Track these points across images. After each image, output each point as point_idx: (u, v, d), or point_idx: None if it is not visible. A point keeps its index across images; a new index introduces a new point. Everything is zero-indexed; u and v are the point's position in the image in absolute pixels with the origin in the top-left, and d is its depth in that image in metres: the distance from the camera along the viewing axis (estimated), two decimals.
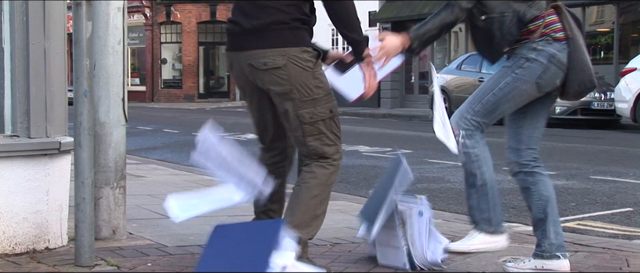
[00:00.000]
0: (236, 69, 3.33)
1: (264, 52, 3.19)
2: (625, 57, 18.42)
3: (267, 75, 3.20)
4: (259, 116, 3.44)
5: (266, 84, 3.23)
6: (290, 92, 3.20)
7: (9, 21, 3.66)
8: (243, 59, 3.26)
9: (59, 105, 3.70)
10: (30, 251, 3.62)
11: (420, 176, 7.70)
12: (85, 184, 3.35)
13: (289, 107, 3.23)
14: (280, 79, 3.19)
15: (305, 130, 3.25)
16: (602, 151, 10.48)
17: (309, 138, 3.26)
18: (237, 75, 3.36)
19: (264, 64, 3.19)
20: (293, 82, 3.19)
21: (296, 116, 3.23)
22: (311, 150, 3.27)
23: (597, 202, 6.01)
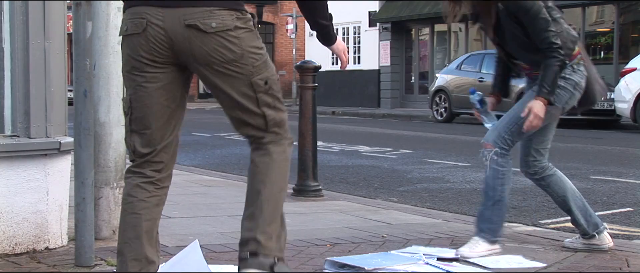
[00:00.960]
0: (152, 30, 2.61)
1: (210, 10, 2.60)
2: (625, 57, 18.42)
3: (214, 39, 2.59)
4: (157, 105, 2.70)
5: (211, 51, 2.61)
6: (241, 58, 2.64)
7: (9, 21, 3.66)
8: (177, 18, 2.59)
9: (59, 105, 3.70)
10: (30, 251, 3.62)
11: (420, 176, 7.70)
12: (85, 184, 3.35)
13: (239, 78, 2.66)
14: (231, 44, 2.62)
15: (261, 100, 2.71)
16: (602, 151, 10.48)
17: (265, 108, 2.72)
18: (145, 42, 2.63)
19: (211, 26, 2.59)
20: (243, 46, 2.64)
21: (250, 85, 2.68)
22: (270, 122, 2.74)
23: (597, 202, 6.01)
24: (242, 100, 2.69)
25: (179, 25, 2.59)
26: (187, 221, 4.75)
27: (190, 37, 2.59)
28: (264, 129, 2.75)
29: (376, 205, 5.53)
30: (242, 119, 2.74)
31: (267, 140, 2.76)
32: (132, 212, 2.74)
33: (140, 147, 2.74)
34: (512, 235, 4.36)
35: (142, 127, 2.72)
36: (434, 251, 3.79)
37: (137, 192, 2.74)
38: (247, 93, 2.69)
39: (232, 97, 2.69)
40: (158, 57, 2.63)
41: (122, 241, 2.74)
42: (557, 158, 9.34)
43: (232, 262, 3.55)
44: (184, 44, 2.60)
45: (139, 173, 2.75)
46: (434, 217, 5.10)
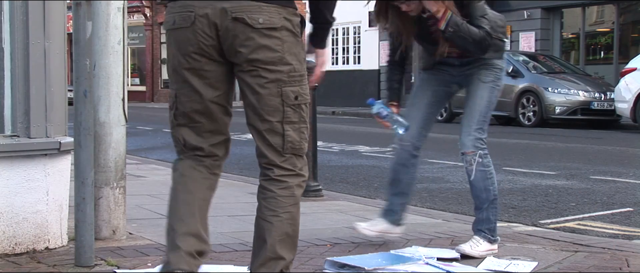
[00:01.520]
0: (200, 23, 2.50)
1: (259, 5, 2.47)
2: (625, 57, 18.42)
3: (257, 36, 2.47)
4: (204, 101, 2.59)
5: (253, 48, 2.48)
6: (279, 62, 2.50)
7: (9, 21, 3.66)
8: (221, 10, 2.48)
9: (59, 105, 3.70)
10: (30, 251, 3.62)
11: (420, 176, 7.69)
12: (85, 184, 3.35)
13: (272, 82, 2.50)
14: (274, 44, 2.49)
15: (286, 116, 2.53)
16: (602, 151, 10.48)
17: (288, 126, 2.54)
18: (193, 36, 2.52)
19: (259, 21, 2.47)
20: (285, 50, 2.51)
21: (279, 95, 2.51)
22: (288, 144, 2.55)
23: (597, 202, 6.01)
24: (267, 109, 2.52)
25: (226, 18, 2.47)
26: None
27: (236, 30, 2.47)
28: (280, 150, 2.55)
29: (376, 205, 5.52)
30: (261, 133, 2.55)
31: (275, 174, 2.56)
32: (186, 191, 2.63)
33: (191, 139, 2.64)
34: (512, 235, 4.37)
35: (190, 121, 2.62)
36: (434, 252, 3.79)
37: (192, 173, 2.65)
38: (274, 103, 2.52)
39: (259, 102, 2.52)
40: (206, 51, 2.52)
41: (174, 219, 2.61)
42: (557, 158, 9.35)
43: (232, 262, 3.56)
44: (228, 37, 2.49)
45: (193, 157, 2.66)
46: (434, 217, 5.10)
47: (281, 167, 2.56)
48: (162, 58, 36.06)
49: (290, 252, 2.57)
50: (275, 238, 2.53)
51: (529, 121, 16.17)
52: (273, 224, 2.53)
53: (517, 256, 3.76)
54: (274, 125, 2.54)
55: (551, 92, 15.94)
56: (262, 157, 2.58)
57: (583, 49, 21.02)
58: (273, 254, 2.53)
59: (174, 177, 2.68)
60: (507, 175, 7.75)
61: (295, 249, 2.61)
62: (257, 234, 2.58)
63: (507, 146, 10.99)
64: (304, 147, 2.60)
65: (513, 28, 22.04)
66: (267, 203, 2.56)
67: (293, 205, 2.57)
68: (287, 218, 2.55)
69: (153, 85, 36.25)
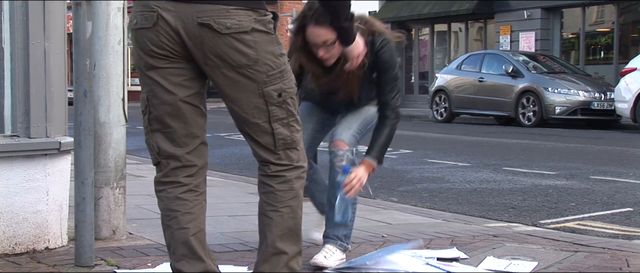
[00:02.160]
0: (163, 25, 2.39)
1: (226, 9, 2.36)
2: (625, 57, 18.44)
3: (228, 41, 2.37)
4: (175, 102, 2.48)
5: (223, 54, 2.38)
6: (255, 63, 2.40)
7: (9, 21, 3.66)
8: (190, 15, 2.37)
9: (59, 105, 3.70)
10: (30, 251, 3.62)
11: (420, 176, 7.70)
12: (85, 184, 3.35)
13: (250, 84, 2.42)
14: (246, 47, 2.38)
15: (273, 114, 2.46)
16: (602, 151, 10.48)
17: (277, 124, 2.47)
18: (155, 36, 2.41)
19: (226, 26, 2.36)
20: (259, 51, 2.40)
21: (261, 96, 2.43)
22: (279, 141, 2.48)
23: (597, 202, 6.01)
24: (251, 112, 2.45)
25: (192, 23, 2.37)
26: None
27: (202, 36, 2.37)
28: (272, 149, 2.49)
29: (376, 205, 5.53)
30: (250, 135, 2.50)
31: (272, 170, 2.51)
32: (179, 227, 2.51)
33: (166, 146, 2.53)
34: (512, 235, 4.37)
35: (163, 126, 2.51)
36: (434, 253, 3.79)
37: (179, 205, 2.52)
38: (257, 104, 2.44)
39: (241, 106, 2.45)
40: (170, 52, 2.42)
41: (176, 259, 2.52)
42: (557, 158, 9.35)
43: (232, 262, 3.56)
44: (196, 42, 2.39)
45: (174, 183, 2.53)
46: (434, 217, 5.10)
47: (276, 163, 2.51)
48: None
49: (294, 245, 2.52)
50: (276, 233, 2.49)
51: (529, 121, 16.17)
52: (273, 219, 2.50)
53: (517, 256, 3.76)
54: (261, 126, 2.48)
55: (551, 92, 15.95)
56: (257, 156, 2.55)
57: (583, 49, 21.03)
58: (274, 249, 2.50)
59: (162, 209, 2.56)
60: (507, 175, 7.75)
61: (300, 242, 2.55)
62: (259, 230, 2.55)
63: (507, 146, 10.99)
64: (296, 139, 2.53)
65: (513, 28, 22.06)
66: (266, 198, 2.52)
67: (293, 199, 2.52)
68: (287, 212, 2.51)
69: None
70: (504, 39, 22.30)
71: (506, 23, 22.32)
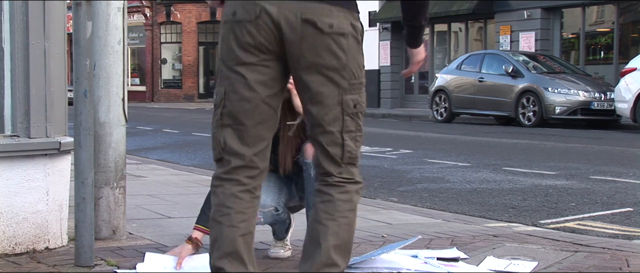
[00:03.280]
0: (265, 18, 2.36)
1: (330, 9, 2.36)
2: (625, 57, 18.43)
3: (326, 40, 2.36)
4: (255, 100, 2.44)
5: (320, 52, 2.37)
6: (343, 69, 2.39)
7: (9, 21, 3.66)
8: (294, 11, 2.35)
9: (59, 105, 3.70)
10: (30, 251, 3.62)
11: (420, 176, 7.70)
12: (85, 184, 3.35)
13: (334, 89, 2.40)
14: (340, 50, 2.38)
15: (346, 124, 2.44)
16: (602, 151, 10.47)
17: (347, 136, 2.44)
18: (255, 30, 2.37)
19: (329, 25, 2.36)
20: (349, 57, 2.40)
21: (339, 103, 2.41)
22: (346, 154, 2.46)
23: (597, 202, 6.01)
24: (328, 120, 2.43)
25: (295, 18, 2.34)
26: (187, 221, 4.74)
27: (303, 32, 2.35)
28: (338, 161, 2.46)
29: (376, 205, 5.53)
30: (321, 143, 2.46)
31: (334, 180, 2.47)
32: (230, 224, 2.45)
33: (233, 143, 2.45)
34: (512, 235, 4.37)
35: (235, 122, 2.44)
36: (434, 253, 3.79)
37: (234, 202, 2.45)
38: (334, 112, 2.42)
39: (320, 112, 2.42)
40: (265, 48, 2.38)
41: (218, 256, 2.45)
42: (557, 158, 9.35)
43: None
44: (295, 39, 2.36)
45: (234, 180, 2.46)
46: (434, 217, 5.10)
47: (338, 176, 2.48)
48: (162, 58, 36.09)
49: (344, 259, 2.46)
50: (331, 242, 2.43)
51: (529, 121, 16.17)
52: (329, 228, 2.44)
53: (517, 256, 3.76)
54: (334, 136, 2.45)
55: (551, 92, 15.95)
56: (319, 167, 2.50)
57: (583, 49, 21.03)
58: (328, 259, 2.42)
59: (215, 204, 2.50)
60: (507, 175, 7.75)
61: (349, 257, 2.50)
62: (311, 237, 2.47)
63: (507, 146, 10.99)
64: (359, 155, 2.52)
65: (513, 28, 22.05)
66: (324, 206, 2.46)
67: (351, 211, 2.49)
68: (344, 223, 2.46)
69: (153, 85, 36.26)
70: (504, 39, 22.30)
71: (506, 23, 22.32)
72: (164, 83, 36.39)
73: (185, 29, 34.91)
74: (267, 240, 3.83)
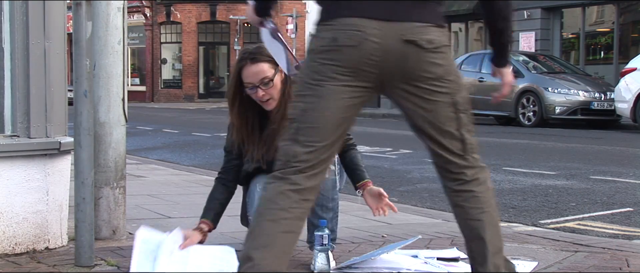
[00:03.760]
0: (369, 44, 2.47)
1: (426, 26, 2.52)
2: (625, 57, 18.43)
3: (429, 55, 2.51)
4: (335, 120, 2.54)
5: (424, 67, 2.52)
6: (447, 74, 2.57)
7: (9, 21, 3.66)
8: (396, 33, 2.47)
9: (59, 105, 3.70)
10: (30, 251, 3.62)
11: (420, 176, 7.70)
12: (85, 184, 3.35)
13: (444, 95, 2.57)
14: (442, 60, 2.55)
15: (461, 121, 2.62)
16: (602, 151, 10.47)
17: (464, 130, 2.63)
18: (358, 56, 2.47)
19: (429, 41, 2.51)
20: (450, 63, 2.60)
21: (452, 105, 2.59)
22: (468, 146, 2.64)
23: (597, 202, 6.01)
24: (443, 121, 2.59)
25: (397, 41, 2.47)
26: (187, 221, 4.74)
27: (406, 52, 2.48)
28: (461, 153, 2.63)
29: None
30: (442, 143, 2.61)
31: (468, 176, 2.64)
32: (271, 219, 2.49)
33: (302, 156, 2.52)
34: (512, 235, 4.36)
35: (311, 140, 2.52)
36: (434, 253, 3.79)
37: (281, 199, 2.50)
38: (448, 113, 2.59)
39: (436, 117, 2.58)
40: (362, 73, 2.49)
41: (252, 246, 2.48)
42: (557, 158, 9.35)
43: None
44: (398, 59, 2.49)
45: (287, 179, 2.52)
46: (434, 217, 5.10)
47: (470, 166, 2.65)
48: (162, 58, 36.09)
49: (500, 240, 2.70)
50: (491, 232, 2.65)
51: (529, 121, 16.17)
52: (484, 220, 2.64)
53: (517, 256, 3.76)
54: (453, 134, 2.62)
55: (551, 92, 15.95)
56: (450, 164, 2.65)
57: (583, 49, 21.03)
58: (495, 248, 2.64)
59: (262, 199, 2.56)
60: (507, 175, 7.75)
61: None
62: (471, 236, 2.65)
63: (507, 146, 10.99)
64: (476, 142, 2.69)
65: (513, 28, 22.03)
66: (470, 203, 2.65)
67: (492, 197, 2.70)
68: (492, 210, 2.68)
69: (153, 85, 36.26)
70: None
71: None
72: (164, 83, 36.39)
73: (185, 29, 34.91)
74: None
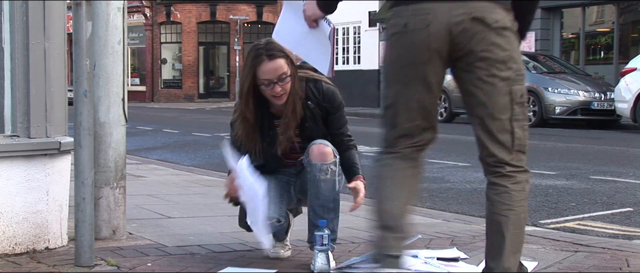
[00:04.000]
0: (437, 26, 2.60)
1: (494, 6, 2.61)
2: (625, 57, 18.42)
3: (493, 35, 2.59)
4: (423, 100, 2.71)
5: (488, 46, 2.60)
6: (509, 60, 2.62)
7: (9, 21, 3.66)
8: (464, 11, 2.59)
9: (59, 105, 3.70)
10: (30, 251, 3.62)
11: None
12: (85, 184, 3.35)
13: (503, 81, 2.62)
14: (506, 42, 2.62)
15: (514, 113, 2.64)
16: (602, 151, 10.48)
17: (515, 124, 2.65)
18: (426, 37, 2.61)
19: (495, 20, 2.59)
20: (513, 49, 2.64)
21: (508, 93, 2.63)
22: (516, 141, 2.66)
23: (597, 202, 6.01)
24: (498, 108, 2.64)
25: (466, 18, 2.58)
26: (187, 221, 4.75)
27: (473, 29, 2.59)
28: (508, 147, 2.66)
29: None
30: (491, 131, 2.66)
31: (506, 170, 2.67)
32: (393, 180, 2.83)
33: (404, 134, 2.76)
34: None
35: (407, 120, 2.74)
36: (434, 253, 3.79)
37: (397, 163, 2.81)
38: (504, 101, 2.64)
39: (489, 101, 2.64)
40: (436, 52, 2.63)
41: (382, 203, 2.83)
42: (557, 158, 9.35)
43: (231, 263, 3.56)
44: (465, 37, 2.60)
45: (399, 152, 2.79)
46: (434, 217, 5.10)
47: (511, 164, 2.66)
48: (162, 58, 36.08)
49: (522, 245, 2.73)
50: (513, 231, 2.65)
51: (529, 121, 16.15)
52: (509, 218, 2.65)
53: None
54: (503, 123, 2.65)
55: (551, 92, 15.94)
56: (491, 157, 2.68)
57: (583, 49, 21.03)
58: (513, 249, 2.67)
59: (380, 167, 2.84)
60: None
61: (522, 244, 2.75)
62: (493, 229, 2.69)
63: None
64: (527, 144, 2.70)
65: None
66: (500, 198, 2.66)
67: (524, 200, 2.68)
68: (521, 212, 2.67)
69: (153, 85, 36.25)
70: None
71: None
72: (164, 83, 36.37)
73: (185, 29, 34.89)
74: None
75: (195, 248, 3.88)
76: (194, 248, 3.88)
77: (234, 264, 3.53)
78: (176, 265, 3.49)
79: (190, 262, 3.57)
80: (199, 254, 3.74)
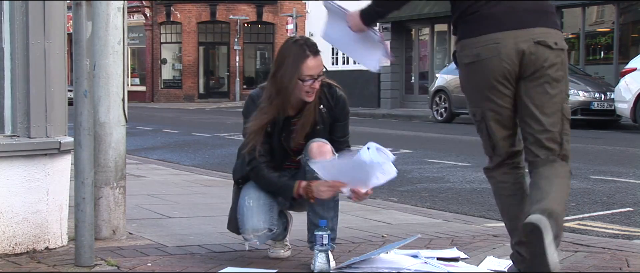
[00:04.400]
0: (506, 52, 3.00)
1: (552, 31, 3.05)
2: (625, 57, 18.41)
3: (555, 55, 3.01)
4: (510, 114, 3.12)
5: (549, 64, 3.00)
6: (562, 79, 3.05)
7: (9, 21, 3.66)
8: (526, 38, 2.99)
9: (59, 105, 3.70)
10: (30, 251, 3.62)
11: (420, 176, 7.70)
12: (85, 184, 3.35)
13: (556, 97, 3.05)
14: (561, 63, 3.04)
15: (565, 127, 3.11)
16: (602, 151, 10.47)
17: (565, 137, 3.12)
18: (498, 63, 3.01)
19: (555, 43, 3.02)
20: (566, 70, 3.07)
21: (560, 109, 3.07)
22: (563, 151, 3.12)
23: (597, 202, 6.01)
24: (550, 120, 3.05)
25: (530, 43, 2.99)
26: (187, 221, 4.75)
27: (537, 51, 2.99)
28: (555, 152, 3.09)
29: (376, 205, 5.53)
30: (538, 138, 3.07)
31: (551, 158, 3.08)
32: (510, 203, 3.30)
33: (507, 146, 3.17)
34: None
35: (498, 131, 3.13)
36: (434, 253, 3.79)
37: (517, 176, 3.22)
38: (556, 116, 3.05)
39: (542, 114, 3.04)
40: (508, 74, 3.02)
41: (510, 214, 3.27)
42: None
43: (231, 262, 3.56)
44: (531, 59, 3.00)
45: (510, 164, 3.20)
46: (434, 217, 5.10)
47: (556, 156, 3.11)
48: (162, 58, 36.08)
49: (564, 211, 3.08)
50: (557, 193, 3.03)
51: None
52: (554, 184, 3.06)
53: None
54: (554, 135, 3.07)
55: None
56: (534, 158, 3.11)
57: (583, 49, 21.02)
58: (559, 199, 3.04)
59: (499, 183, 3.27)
60: None
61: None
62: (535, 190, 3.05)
63: None
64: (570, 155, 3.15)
65: None
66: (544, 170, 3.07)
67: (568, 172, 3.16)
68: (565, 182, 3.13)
69: (153, 85, 36.25)
70: None
71: None
72: (164, 83, 36.37)
73: (185, 29, 34.89)
74: None
75: (195, 248, 3.88)
76: (194, 248, 3.88)
77: (234, 264, 3.53)
78: (176, 265, 3.50)
79: (190, 262, 3.57)
80: (199, 254, 3.75)
